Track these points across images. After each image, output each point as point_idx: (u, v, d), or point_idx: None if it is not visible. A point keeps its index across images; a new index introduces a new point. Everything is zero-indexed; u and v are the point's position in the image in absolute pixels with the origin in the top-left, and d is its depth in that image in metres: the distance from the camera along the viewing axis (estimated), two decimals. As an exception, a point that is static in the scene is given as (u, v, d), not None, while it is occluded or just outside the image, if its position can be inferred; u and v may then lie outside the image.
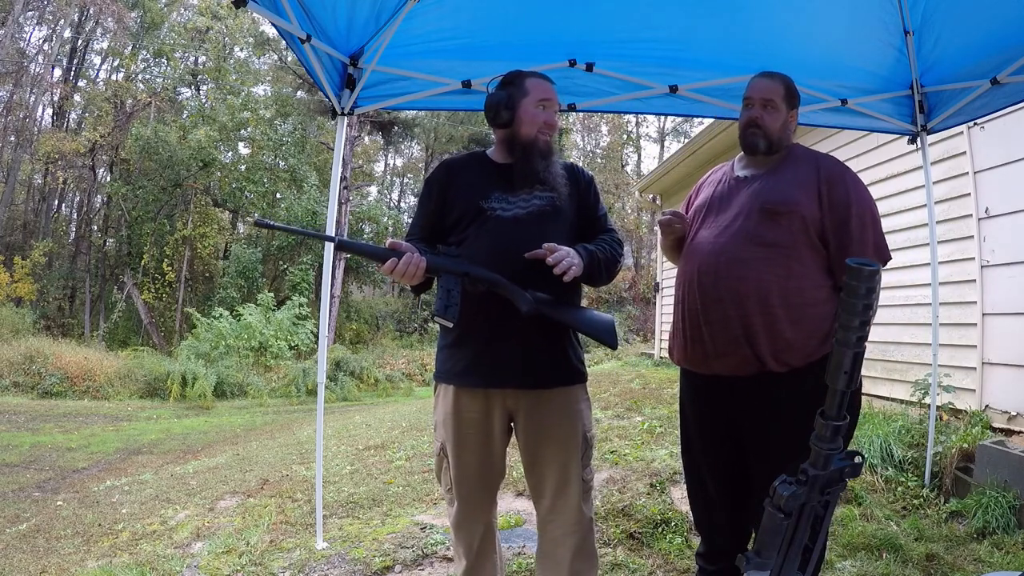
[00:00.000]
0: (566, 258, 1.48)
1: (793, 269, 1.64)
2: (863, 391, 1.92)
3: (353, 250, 1.70)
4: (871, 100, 2.86)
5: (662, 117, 25.67)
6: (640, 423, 4.37)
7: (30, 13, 17.41)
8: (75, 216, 20.27)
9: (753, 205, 1.71)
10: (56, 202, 19.89)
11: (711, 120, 6.84)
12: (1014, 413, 3.32)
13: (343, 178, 15.02)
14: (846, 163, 5.99)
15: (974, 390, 3.56)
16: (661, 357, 9.74)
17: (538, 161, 1.59)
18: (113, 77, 19.47)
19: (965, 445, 3.05)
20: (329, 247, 2.72)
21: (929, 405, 3.22)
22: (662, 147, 28.00)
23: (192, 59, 20.71)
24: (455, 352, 1.63)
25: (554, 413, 1.59)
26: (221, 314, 12.98)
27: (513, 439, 1.68)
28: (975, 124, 3.48)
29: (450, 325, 1.52)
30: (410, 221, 1.95)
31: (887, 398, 4.22)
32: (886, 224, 5.12)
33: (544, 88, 1.63)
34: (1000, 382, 3.45)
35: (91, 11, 17.50)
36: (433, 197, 1.67)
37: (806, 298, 1.64)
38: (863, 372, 1.18)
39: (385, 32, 2.51)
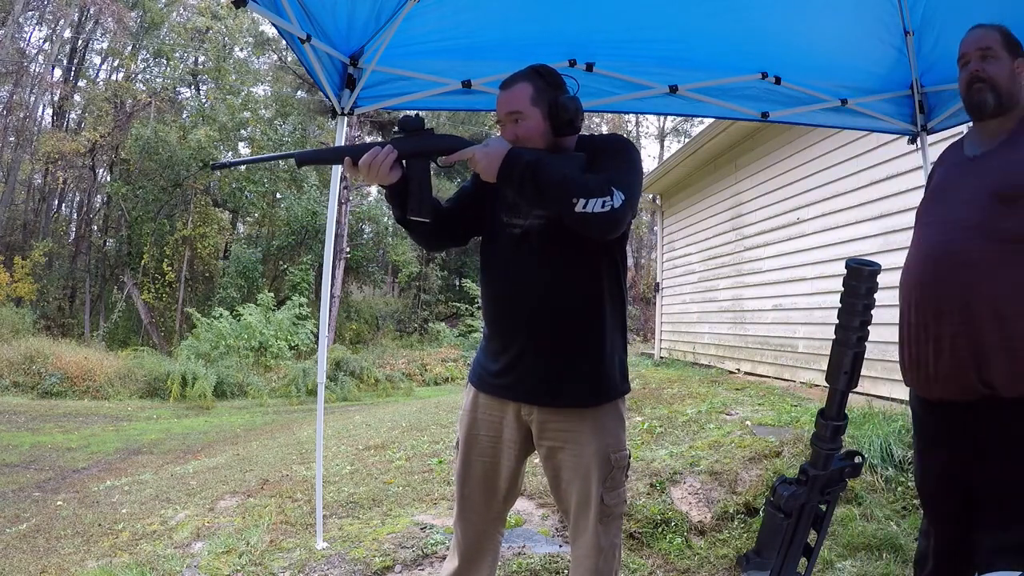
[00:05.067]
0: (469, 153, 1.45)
1: None
2: (863, 391, 1.75)
3: (314, 160, 1.63)
4: (871, 100, 2.86)
5: (662, 117, 25.70)
6: (640, 423, 4.37)
7: (30, 13, 17.42)
8: (75, 216, 20.28)
9: (983, 189, 1.40)
10: (56, 202, 19.90)
11: (711, 120, 6.85)
12: (1014, 413, 3.32)
13: (343, 178, 15.01)
14: (846, 163, 5.95)
15: (974, 390, 3.55)
16: (661, 357, 9.74)
17: None
18: (113, 77, 19.48)
19: (965, 445, 3.04)
20: (329, 247, 2.73)
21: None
22: (662, 147, 28.02)
23: (192, 59, 20.70)
24: (483, 358, 1.62)
25: (573, 431, 1.50)
26: (221, 314, 12.98)
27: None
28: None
29: (427, 221, 1.49)
30: None
31: (887, 398, 4.22)
32: (887, 224, 5.12)
33: (498, 105, 1.53)
34: (1000, 382, 3.44)
35: (91, 11, 17.50)
36: (475, 183, 1.63)
37: None
38: (863, 372, 1.16)
39: (385, 32, 2.51)
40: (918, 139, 2.94)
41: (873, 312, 1.10)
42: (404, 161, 1.49)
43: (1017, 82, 1.47)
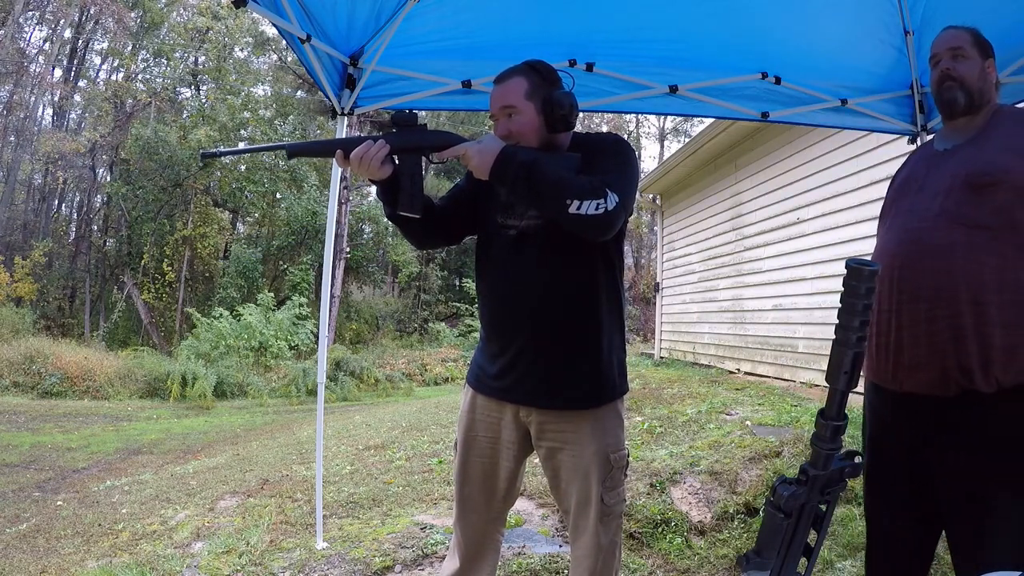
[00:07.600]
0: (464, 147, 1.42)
1: (1008, 256, 1.31)
2: (863, 391, 1.69)
3: (306, 151, 1.59)
4: (871, 100, 2.86)
5: (662, 117, 25.71)
6: (640, 423, 4.37)
7: (30, 13, 17.42)
8: (75, 216, 20.28)
9: (956, 180, 1.39)
10: (56, 202, 19.90)
11: (711, 120, 6.85)
12: (1014, 413, 3.32)
13: (343, 178, 15.02)
14: (846, 163, 5.95)
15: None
16: (661, 357, 9.74)
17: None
18: (113, 77, 19.48)
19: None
20: (329, 247, 2.73)
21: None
22: (662, 147, 28.03)
23: (192, 59, 20.70)
24: (481, 359, 1.61)
25: (573, 432, 1.50)
26: (221, 314, 12.97)
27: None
28: (975, 124, 3.47)
29: (417, 217, 1.47)
30: None
31: (887, 398, 4.21)
32: (886, 224, 5.08)
33: (491, 100, 1.51)
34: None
35: (91, 11, 17.51)
36: (469, 182, 1.60)
37: None
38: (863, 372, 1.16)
39: (385, 32, 2.51)
40: (918, 139, 2.94)
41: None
42: (396, 156, 1.47)
43: (987, 81, 1.50)
